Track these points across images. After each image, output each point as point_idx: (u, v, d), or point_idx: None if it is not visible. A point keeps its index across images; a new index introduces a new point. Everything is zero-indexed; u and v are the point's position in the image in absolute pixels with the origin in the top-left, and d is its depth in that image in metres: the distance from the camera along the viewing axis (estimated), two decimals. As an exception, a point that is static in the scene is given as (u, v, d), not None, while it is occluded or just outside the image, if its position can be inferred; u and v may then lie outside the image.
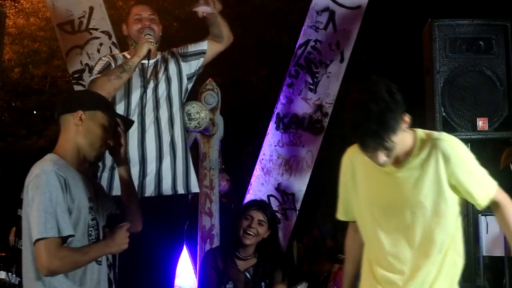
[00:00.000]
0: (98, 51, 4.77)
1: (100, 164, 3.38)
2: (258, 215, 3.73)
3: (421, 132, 2.35)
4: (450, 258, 2.37)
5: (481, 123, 3.86)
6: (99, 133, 2.52)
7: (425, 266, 2.34)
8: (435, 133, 2.37)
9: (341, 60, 4.93)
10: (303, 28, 4.96)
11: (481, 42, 3.94)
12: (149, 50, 3.30)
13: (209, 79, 4.28)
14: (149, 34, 3.36)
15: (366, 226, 2.47)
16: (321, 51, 4.91)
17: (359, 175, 2.46)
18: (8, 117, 10.96)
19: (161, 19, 3.72)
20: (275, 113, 4.90)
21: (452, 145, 2.32)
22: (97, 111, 2.53)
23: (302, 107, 4.89)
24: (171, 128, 3.38)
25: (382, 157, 2.23)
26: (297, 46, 4.94)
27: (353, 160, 2.47)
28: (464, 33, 3.96)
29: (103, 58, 3.53)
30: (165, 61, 3.49)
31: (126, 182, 2.73)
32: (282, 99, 4.91)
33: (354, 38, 4.95)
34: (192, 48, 3.58)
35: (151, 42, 3.32)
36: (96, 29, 4.80)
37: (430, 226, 2.32)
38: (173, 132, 3.38)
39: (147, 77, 3.38)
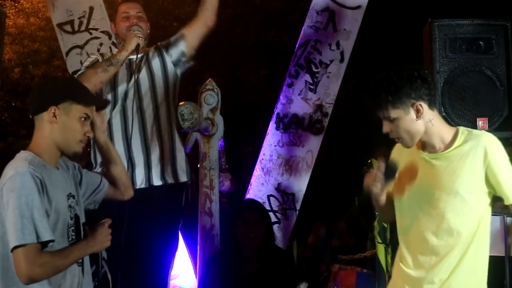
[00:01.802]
0: (98, 51, 4.77)
1: (92, 161, 3.39)
2: (254, 216, 3.77)
3: (463, 129, 2.55)
4: (472, 253, 2.49)
5: (481, 123, 3.86)
6: (76, 127, 2.40)
7: (449, 255, 2.48)
8: (477, 131, 2.60)
9: (341, 60, 4.93)
10: (303, 28, 4.96)
11: (481, 42, 3.93)
12: (138, 45, 3.30)
13: (209, 79, 4.27)
14: (137, 30, 3.37)
15: (402, 214, 2.61)
16: (321, 51, 4.91)
17: (402, 164, 2.62)
18: (8, 117, 10.96)
19: (161, 19, 3.73)
20: (275, 113, 4.90)
21: (492, 141, 2.50)
22: (71, 104, 2.40)
23: (302, 107, 4.90)
24: (156, 118, 3.38)
25: (385, 126, 2.50)
26: (297, 46, 4.95)
27: (400, 150, 2.65)
28: (464, 33, 3.95)
29: (91, 56, 3.56)
30: (148, 56, 3.50)
31: (102, 146, 2.68)
32: (282, 99, 4.91)
33: (354, 38, 4.95)
34: (173, 37, 3.57)
35: (140, 37, 3.33)
36: (96, 29, 4.80)
37: (459, 216, 2.47)
38: (159, 122, 3.39)
39: (133, 71, 3.39)
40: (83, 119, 2.43)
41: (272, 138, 4.87)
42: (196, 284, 4.22)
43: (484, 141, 2.48)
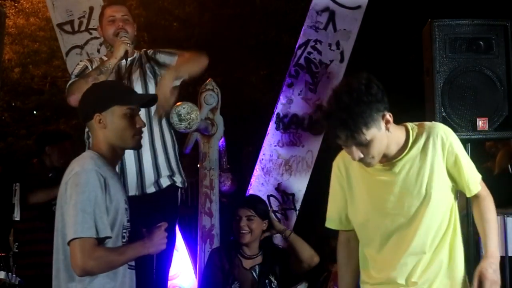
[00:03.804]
0: (98, 51, 4.78)
1: None
2: (245, 212, 3.75)
3: (411, 124, 2.39)
4: (454, 254, 2.41)
5: (481, 123, 3.85)
6: (125, 124, 2.47)
7: (430, 262, 2.37)
8: (428, 123, 2.41)
9: (341, 60, 4.93)
10: (303, 28, 4.96)
11: (481, 42, 3.93)
12: (126, 51, 3.35)
13: (209, 79, 4.27)
14: (124, 36, 3.40)
15: (367, 230, 2.45)
16: (321, 51, 4.91)
17: (355, 179, 2.45)
18: (8, 117, 10.96)
19: (161, 19, 3.75)
20: (275, 113, 4.90)
21: (447, 130, 2.39)
22: (113, 107, 2.47)
23: (302, 107, 4.90)
24: (148, 123, 3.37)
25: (356, 152, 2.25)
26: (297, 46, 4.95)
27: (346, 165, 2.47)
28: (464, 33, 3.95)
29: (80, 62, 3.59)
30: (140, 61, 3.53)
31: None
32: (282, 99, 4.91)
33: (354, 38, 4.96)
34: (161, 58, 3.57)
35: (128, 43, 3.37)
36: (96, 29, 4.80)
37: (435, 219, 2.36)
38: (151, 127, 3.39)
39: (122, 76, 3.42)
40: (128, 114, 2.48)
41: (272, 138, 4.87)
42: (196, 284, 4.22)
43: (439, 132, 2.35)
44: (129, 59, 3.43)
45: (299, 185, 4.83)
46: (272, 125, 4.88)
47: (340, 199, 2.52)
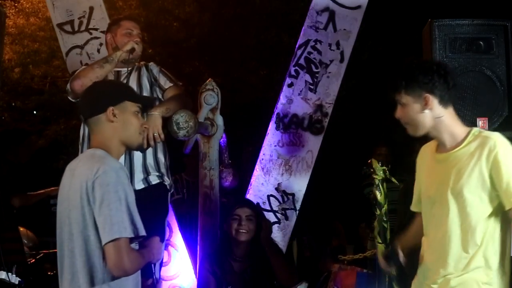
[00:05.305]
0: (98, 51, 4.78)
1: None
2: (245, 212, 3.83)
3: (476, 129, 2.58)
4: (480, 256, 2.47)
5: (481, 123, 3.86)
6: (135, 122, 2.51)
7: (454, 257, 2.48)
8: (487, 131, 2.60)
9: (341, 60, 4.94)
10: (303, 28, 4.96)
11: (481, 42, 3.94)
12: (133, 48, 3.58)
13: (209, 79, 4.26)
14: (136, 41, 3.65)
15: (424, 217, 2.66)
16: (321, 51, 4.92)
17: (421, 168, 2.71)
18: (8, 117, 10.94)
19: (161, 19, 3.83)
20: (275, 113, 4.90)
21: (499, 141, 2.49)
22: (125, 102, 2.51)
23: (302, 107, 4.90)
24: None
25: (397, 110, 2.61)
26: (297, 46, 4.95)
27: (420, 156, 2.74)
28: (464, 33, 3.96)
29: (84, 65, 3.82)
30: (139, 71, 3.70)
31: None
32: (282, 99, 4.91)
33: (354, 38, 4.96)
34: (160, 78, 3.75)
35: (137, 43, 3.62)
36: (96, 29, 4.81)
37: (462, 217, 2.47)
38: None
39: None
40: (137, 112, 2.54)
41: (272, 138, 4.87)
42: (195, 284, 4.22)
43: (490, 141, 2.47)
44: (128, 68, 3.61)
45: (299, 185, 4.84)
46: (272, 125, 4.88)
47: (417, 187, 2.76)
